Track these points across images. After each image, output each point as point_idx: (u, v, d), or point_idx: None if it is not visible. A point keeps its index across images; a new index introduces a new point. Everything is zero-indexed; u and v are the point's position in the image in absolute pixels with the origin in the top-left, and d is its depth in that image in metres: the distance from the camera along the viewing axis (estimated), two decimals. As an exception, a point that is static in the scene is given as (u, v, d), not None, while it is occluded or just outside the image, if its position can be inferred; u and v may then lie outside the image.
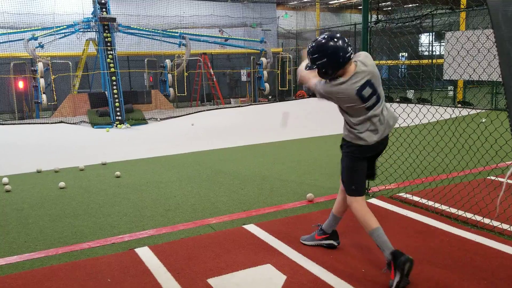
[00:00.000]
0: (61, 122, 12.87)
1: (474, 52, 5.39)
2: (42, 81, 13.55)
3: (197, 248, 3.64)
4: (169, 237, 3.92)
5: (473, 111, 11.14)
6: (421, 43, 20.13)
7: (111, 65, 12.87)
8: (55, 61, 14.96)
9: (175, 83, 16.37)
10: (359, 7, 24.12)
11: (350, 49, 2.97)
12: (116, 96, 12.71)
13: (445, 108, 6.20)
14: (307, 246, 3.61)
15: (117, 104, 12.62)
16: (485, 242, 3.58)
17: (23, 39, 13.36)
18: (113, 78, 12.85)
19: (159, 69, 16.89)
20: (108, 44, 13.06)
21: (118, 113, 12.56)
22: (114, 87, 12.80)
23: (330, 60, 2.94)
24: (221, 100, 18.02)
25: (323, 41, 2.98)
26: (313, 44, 3.03)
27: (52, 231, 4.17)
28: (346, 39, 3.00)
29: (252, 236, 3.86)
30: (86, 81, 16.82)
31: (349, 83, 2.97)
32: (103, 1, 13.20)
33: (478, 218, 4.00)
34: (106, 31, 13.12)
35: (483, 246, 3.51)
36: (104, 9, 13.18)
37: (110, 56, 12.91)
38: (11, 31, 14.33)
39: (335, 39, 2.96)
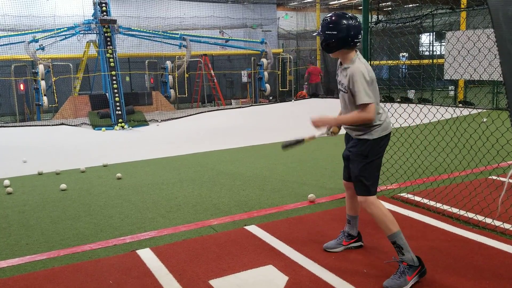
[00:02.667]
0: (62, 124, 12.87)
1: (474, 52, 5.38)
2: (43, 83, 13.57)
3: (199, 250, 3.64)
4: (171, 239, 3.92)
5: (474, 111, 11.13)
6: (422, 43, 20.12)
7: (111, 60, 12.81)
8: (56, 63, 14.99)
9: (176, 84, 16.38)
10: (359, 8, 24.11)
11: (360, 37, 3.02)
12: (116, 92, 12.61)
13: (446, 108, 6.19)
14: (310, 247, 3.59)
15: (117, 99, 12.51)
16: (487, 242, 3.57)
17: (24, 42, 13.39)
18: (113, 73, 12.78)
19: (160, 70, 16.91)
20: (108, 39, 13.03)
21: (118, 109, 12.51)
22: (114, 82, 12.67)
23: (340, 36, 2.95)
24: (222, 101, 18.02)
25: (342, 17, 3.01)
26: (333, 15, 3.05)
27: (54, 233, 4.17)
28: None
29: (254, 237, 3.86)
30: (87, 83, 16.83)
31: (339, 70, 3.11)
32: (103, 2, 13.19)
33: (480, 218, 4.00)
34: (106, 27, 13.10)
35: (485, 246, 3.51)
36: (104, 5, 13.13)
37: (109, 51, 12.86)
38: (12, 33, 14.34)
39: (353, 20, 3.00)
